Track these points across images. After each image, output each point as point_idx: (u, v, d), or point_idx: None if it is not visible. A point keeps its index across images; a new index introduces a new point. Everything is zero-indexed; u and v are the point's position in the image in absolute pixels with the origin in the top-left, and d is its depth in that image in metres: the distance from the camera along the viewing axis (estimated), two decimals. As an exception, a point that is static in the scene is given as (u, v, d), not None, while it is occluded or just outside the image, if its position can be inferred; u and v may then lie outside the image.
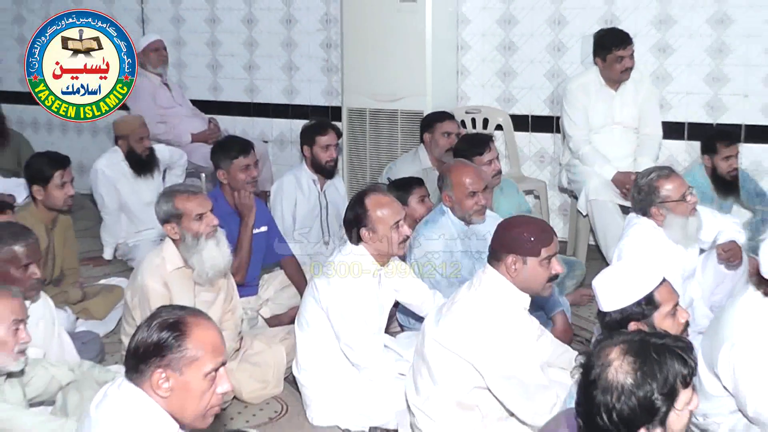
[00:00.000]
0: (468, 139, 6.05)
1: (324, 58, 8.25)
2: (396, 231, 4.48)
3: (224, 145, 5.78)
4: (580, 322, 5.80)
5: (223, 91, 8.74)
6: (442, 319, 3.96)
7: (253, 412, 4.85)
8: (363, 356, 4.53)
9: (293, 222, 6.34)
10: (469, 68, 7.65)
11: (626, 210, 5.81)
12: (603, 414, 2.54)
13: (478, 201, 5.19)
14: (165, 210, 4.71)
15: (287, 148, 8.48)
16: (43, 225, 5.70)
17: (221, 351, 2.82)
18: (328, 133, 6.28)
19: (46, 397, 4.04)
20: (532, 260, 3.87)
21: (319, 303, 4.55)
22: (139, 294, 4.71)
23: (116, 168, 7.11)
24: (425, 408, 4.03)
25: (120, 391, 2.81)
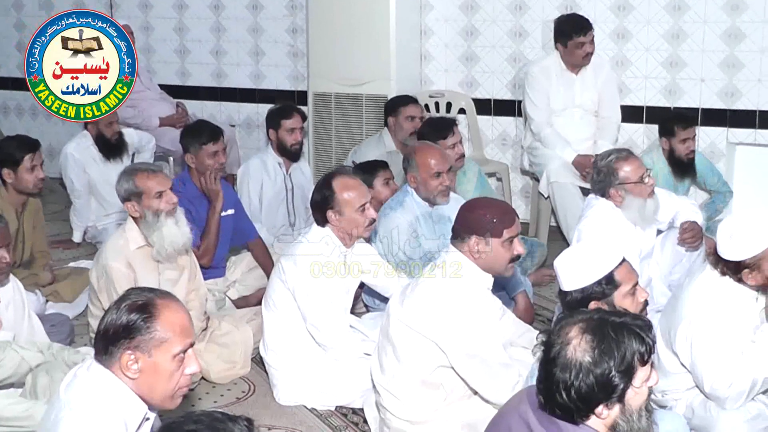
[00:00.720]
0: (432, 122, 6.10)
1: (290, 43, 8.28)
2: (362, 213, 4.54)
3: (194, 130, 5.82)
4: (541, 302, 5.88)
5: (191, 75, 8.74)
6: (406, 300, 4.00)
7: (220, 392, 4.91)
8: (329, 336, 4.59)
9: (260, 205, 6.39)
10: (433, 53, 7.71)
11: (586, 192, 5.89)
12: (562, 391, 2.60)
13: (442, 181, 5.25)
14: (126, 188, 4.76)
15: (254, 132, 8.51)
16: (13, 208, 5.73)
17: (190, 333, 2.85)
18: (293, 117, 6.33)
19: (16, 379, 4.06)
20: (495, 241, 3.92)
21: (286, 284, 4.60)
22: (104, 276, 4.75)
23: (85, 152, 7.12)
24: (390, 387, 4.09)
25: (89, 373, 2.83)
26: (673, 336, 4.00)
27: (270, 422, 4.51)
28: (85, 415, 2.74)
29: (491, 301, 4.09)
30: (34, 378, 3.97)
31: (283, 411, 4.68)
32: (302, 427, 4.51)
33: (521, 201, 7.58)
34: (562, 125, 6.72)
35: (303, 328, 4.63)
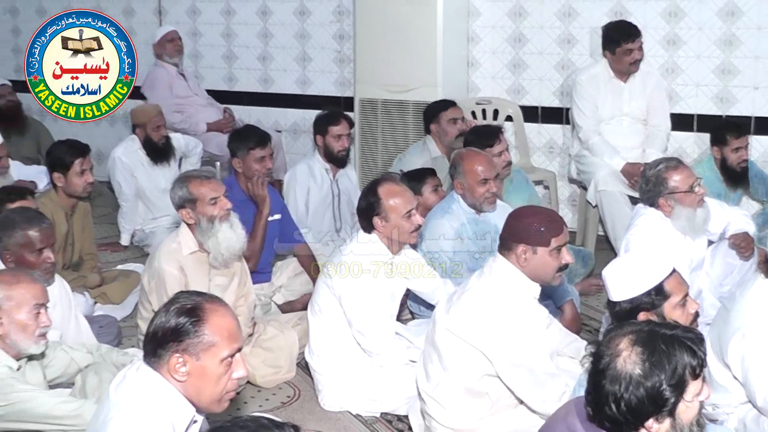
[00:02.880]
0: (478, 130, 6.07)
1: (337, 49, 8.30)
2: (408, 220, 4.54)
3: (242, 135, 5.85)
4: (588, 312, 5.84)
5: (238, 81, 8.79)
6: (452, 307, 4.00)
7: (266, 396, 4.92)
8: (374, 343, 4.59)
9: (306, 210, 6.41)
10: (480, 60, 7.69)
11: (635, 201, 5.85)
12: (611, 403, 2.57)
13: (489, 188, 5.23)
14: (180, 195, 4.79)
15: (300, 137, 8.54)
16: (63, 211, 5.79)
17: (237, 337, 2.86)
18: (340, 123, 6.35)
19: (65, 379, 4.10)
20: (542, 250, 3.90)
21: (332, 289, 4.61)
22: (156, 278, 4.79)
23: (133, 156, 7.19)
24: (435, 395, 4.07)
25: (138, 374, 2.85)
26: (724, 349, 3.94)
27: (315, 427, 4.51)
28: (135, 416, 2.76)
29: (538, 310, 4.08)
30: (83, 378, 4.00)
31: (327, 416, 4.68)
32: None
33: (568, 209, 7.54)
34: (610, 133, 6.67)
35: (348, 333, 4.63)
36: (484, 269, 4.05)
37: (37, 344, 3.68)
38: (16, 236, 4.32)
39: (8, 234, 4.33)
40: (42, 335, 3.69)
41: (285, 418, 2.29)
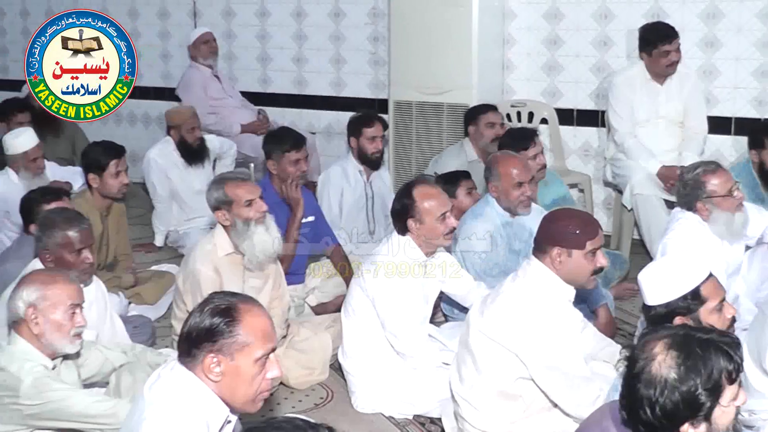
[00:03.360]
0: (513, 133, 6.06)
1: (371, 51, 8.30)
2: (442, 222, 4.54)
3: (277, 137, 5.86)
4: (623, 316, 5.80)
5: (272, 83, 8.81)
6: (486, 310, 3.99)
7: (299, 397, 4.93)
8: (408, 345, 4.59)
9: (340, 212, 6.42)
10: (515, 62, 7.66)
11: (671, 204, 5.80)
12: (646, 408, 2.54)
13: (524, 191, 5.22)
14: (216, 197, 4.81)
15: (334, 139, 8.54)
16: (98, 212, 5.81)
17: (272, 337, 2.86)
18: (374, 125, 6.35)
19: (100, 378, 4.12)
20: (577, 253, 3.88)
21: (366, 291, 4.62)
22: (191, 279, 4.81)
23: (168, 157, 7.23)
24: (469, 397, 4.07)
25: (173, 374, 2.86)
26: (762, 354, 3.91)
27: (347, 429, 4.50)
28: (169, 415, 2.77)
29: (572, 313, 4.06)
30: (117, 377, 4.03)
31: (360, 418, 4.68)
32: (380, 435, 4.51)
33: (603, 213, 7.48)
34: (646, 136, 6.62)
35: (382, 335, 4.63)
36: (518, 272, 4.04)
37: (72, 344, 3.69)
38: (56, 236, 4.34)
39: (48, 234, 4.36)
40: (77, 335, 3.71)
41: (318, 420, 2.28)
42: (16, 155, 6.30)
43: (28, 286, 3.64)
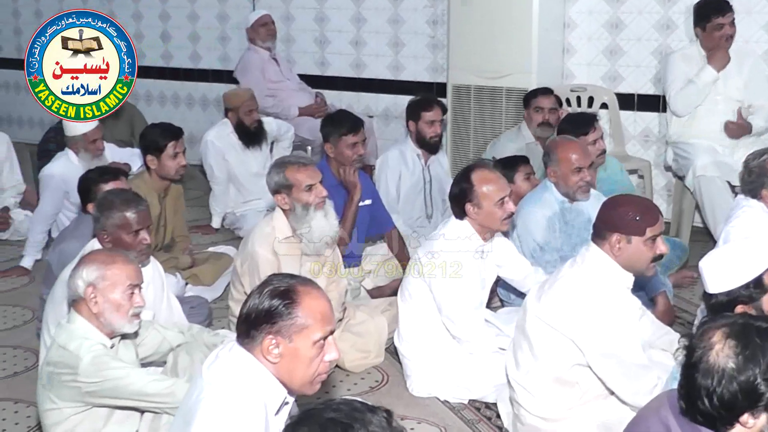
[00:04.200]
0: (572, 118, 6.01)
1: (430, 34, 8.27)
2: (501, 207, 4.51)
3: (335, 120, 5.86)
4: (681, 304, 5.73)
5: (330, 66, 8.82)
6: (544, 296, 3.97)
7: (354, 380, 4.94)
8: (464, 330, 4.58)
9: (397, 196, 6.42)
10: (575, 46, 7.59)
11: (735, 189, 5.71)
12: (704, 398, 2.52)
13: (583, 177, 5.18)
14: (276, 181, 4.82)
15: (391, 123, 8.53)
16: (156, 193, 5.86)
17: (330, 320, 2.87)
18: (433, 109, 6.33)
19: (157, 357, 4.16)
20: (637, 239, 3.84)
21: (422, 276, 4.62)
22: (249, 261, 4.83)
23: (225, 140, 7.28)
24: (525, 383, 4.05)
25: (231, 355, 2.87)
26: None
27: (402, 413, 4.50)
28: (228, 395, 2.78)
29: (631, 300, 4.02)
30: (174, 357, 4.06)
31: (416, 402, 4.68)
32: (435, 419, 4.50)
33: (663, 199, 7.39)
34: (705, 114, 6.53)
35: (438, 320, 4.62)
36: (576, 258, 4.01)
37: (130, 324, 3.72)
38: (113, 217, 4.37)
39: (106, 215, 4.39)
40: (135, 315, 3.73)
41: (373, 403, 2.28)
42: (76, 137, 6.37)
43: (88, 266, 3.67)
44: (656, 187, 7.39)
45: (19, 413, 4.66)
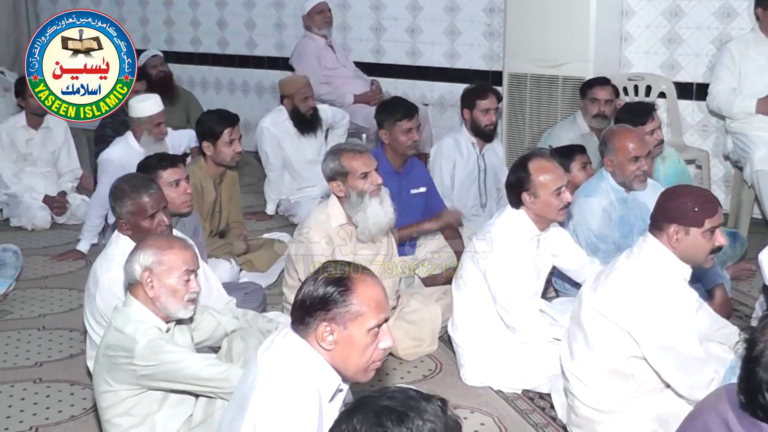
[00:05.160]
0: (630, 108, 5.94)
1: (486, 22, 8.23)
2: (557, 197, 4.48)
3: (389, 106, 5.86)
4: (739, 297, 5.65)
5: (386, 53, 8.81)
6: (600, 287, 3.94)
7: (407, 368, 4.94)
8: (518, 319, 4.56)
9: (452, 184, 6.40)
10: (633, 34, 7.51)
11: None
12: (765, 392, 2.48)
13: (640, 166, 5.13)
14: (331, 168, 4.82)
15: (447, 111, 8.51)
16: (212, 180, 5.89)
17: (385, 307, 2.86)
18: (488, 97, 6.29)
19: (212, 342, 4.18)
20: (695, 231, 3.79)
21: (477, 264, 4.59)
22: (303, 248, 4.84)
23: (281, 126, 7.30)
24: (579, 374, 4.02)
25: (286, 341, 2.88)
26: None
27: (456, 402, 4.49)
28: (282, 381, 2.79)
29: (688, 292, 3.96)
30: (229, 343, 4.07)
31: (469, 391, 4.67)
32: (488, 409, 4.49)
33: (721, 190, 7.30)
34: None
35: (493, 309, 4.61)
36: (633, 249, 3.97)
37: (185, 309, 3.73)
38: (126, 205, 4.35)
39: (119, 204, 4.38)
40: (191, 301, 3.75)
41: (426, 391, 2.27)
42: (141, 118, 6.36)
43: (145, 250, 3.69)
44: (714, 178, 7.30)
45: (75, 395, 4.73)
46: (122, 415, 3.69)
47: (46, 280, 6.40)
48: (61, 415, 4.53)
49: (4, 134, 7.50)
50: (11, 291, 6.04)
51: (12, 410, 4.59)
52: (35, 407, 4.62)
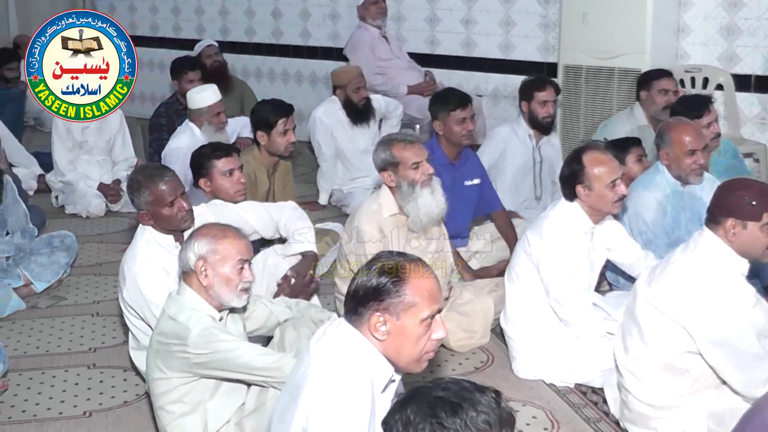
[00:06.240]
0: (686, 100, 5.88)
1: (542, 14, 8.17)
2: (612, 189, 4.44)
3: (443, 97, 5.83)
4: (797, 293, 5.59)
5: (440, 44, 8.79)
6: (655, 281, 3.90)
7: (459, 360, 4.94)
8: (571, 312, 4.53)
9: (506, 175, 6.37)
10: (691, 25, 7.42)
11: None
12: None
13: (696, 160, 5.06)
14: (382, 158, 4.82)
15: (501, 103, 8.47)
16: (265, 169, 5.91)
17: (438, 298, 2.85)
18: (546, 89, 6.24)
19: (264, 331, 4.19)
20: (753, 225, 3.74)
21: (531, 257, 4.57)
22: (355, 238, 4.85)
23: (334, 117, 7.31)
24: (634, 369, 3.99)
25: (339, 331, 2.88)
26: None
27: (507, 394, 4.46)
28: (335, 371, 2.79)
29: (745, 287, 3.90)
30: (281, 332, 4.08)
31: (521, 384, 4.65)
32: (540, 402, 4.47)
33: (779, 185, 7.20)
34: None
35: (545, 302, 4.58)
36: (689, 243, 3.93)
37: (239, 298, 3.75)
38: (144, 195, 4.37)
39: (137, 195, 4.40)
40: (244, 290, 3.76)
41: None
42: (200, 109, 6.39)
43: (200, 239, 3.71)
44: (772, 172, 7.21)
45: (128, 381, 4.78)
46: (175, 402, 3.72)
47: (99, 267, 6.47)
48: (114, 401, 4.59)
49: (60, 122, 7.56)
50: (65, 277, 6.12)
51: (66, 395, 4.66)
52: (89, 392, 4.68)
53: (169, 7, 10.73)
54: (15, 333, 5.39)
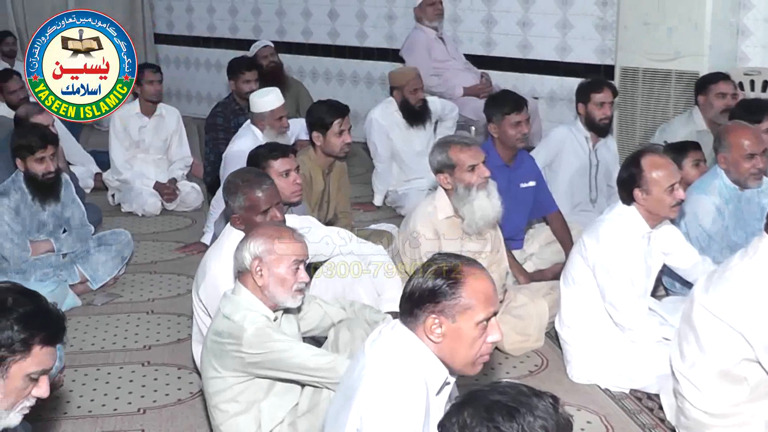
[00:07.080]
0: (746, 104, 5.82)
1: (599, 15, 8.12)
2: (670, 194, 4.39)
3: (498, 99, 5.81)
4: None
5: (497, 46, 8.77)
6: (712, 287, 3.84)
7: (513, 363, 4.92)
8: (627, 317, 4.49)
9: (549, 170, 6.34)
10: (751, 27, 7.33)
11: None
12: None
13: (755, 164, 5.01)
14: (439, 160, 4.82)
15: (557, 105, 8.43)
16: (320, 170, 5.92)
17: (493, 301, 2.84)
18: (603, 91, 6.20)
19: (318, 332, 4.19)
20: (814, 231, 3.70)
21: (586, 261, 4.54)
22: (410, 240, 4.85)
23: (390, 118, 7.32)
24: (690, 375, 3.93)
25: (394, 333, 2.87)
26: None
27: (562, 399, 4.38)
28: (390, 373, 2.78)
29: (805, 295, 3.84)
30: (336, 333, 4.07)
31: (576, 388, 4.62)
32: (594, 407, 4.43)
33: (840, 190, 7.09)
34: None
35: (601, 306, 4.54)
36: (748, 249, 3.86)
37: (294, 299, 3.76)
38: (240, 200, 4.36)
39: (233, 199, 4.39)
40: (299, 291, 3.76)
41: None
42: (263, 113, 6.41)
43: (256, 239, 3.73)
44: (834, 178, 7.09)
45: (182, 379, 4.81)
46: (229, 401, 3.74)
47: (155, 265, 6.53)
48: (168, 398, 4.62)
49: (118, 121, 7.64)
50: (121, 275, 6.19)
51: (120, 392, 4.70)
52: (143, 389, 4.72)
53: (226, 8, 10.82)
54: (71, 330, 5.45)
